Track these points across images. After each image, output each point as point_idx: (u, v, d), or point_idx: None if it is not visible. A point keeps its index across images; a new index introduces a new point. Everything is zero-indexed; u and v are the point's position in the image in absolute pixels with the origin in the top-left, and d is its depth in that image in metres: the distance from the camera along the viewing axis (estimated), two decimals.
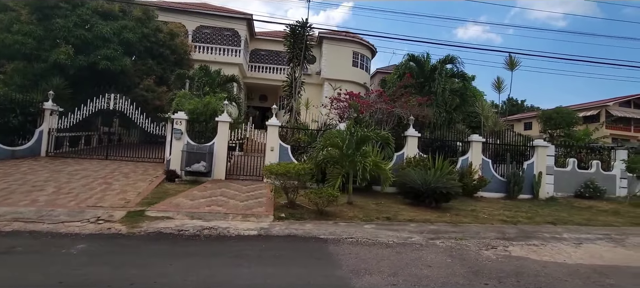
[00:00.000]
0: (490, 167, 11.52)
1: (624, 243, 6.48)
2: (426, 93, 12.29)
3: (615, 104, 33.94)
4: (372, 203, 8.67)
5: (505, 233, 6.70)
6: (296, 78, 14.10)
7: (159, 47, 16.43)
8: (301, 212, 7.25)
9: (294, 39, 13.95)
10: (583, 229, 7.41)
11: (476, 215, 8.13)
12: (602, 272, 4.81)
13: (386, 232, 6.29)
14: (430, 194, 8.19)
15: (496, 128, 11.96)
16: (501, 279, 4.34)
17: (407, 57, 13.70)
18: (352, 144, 7.64)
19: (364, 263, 4.66)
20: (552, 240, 6.46)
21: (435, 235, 6.34)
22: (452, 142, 11.78)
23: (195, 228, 5.86)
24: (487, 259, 5.17)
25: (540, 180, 11.48)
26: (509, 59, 14.12)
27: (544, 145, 11.74)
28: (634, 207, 9.95)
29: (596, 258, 5.53)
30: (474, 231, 6.77)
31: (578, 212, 9.39)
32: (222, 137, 10.48)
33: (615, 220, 8.47)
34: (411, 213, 7.87)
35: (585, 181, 11.87)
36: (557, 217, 8.34)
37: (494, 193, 11.36)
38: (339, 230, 6.24)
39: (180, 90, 11.92)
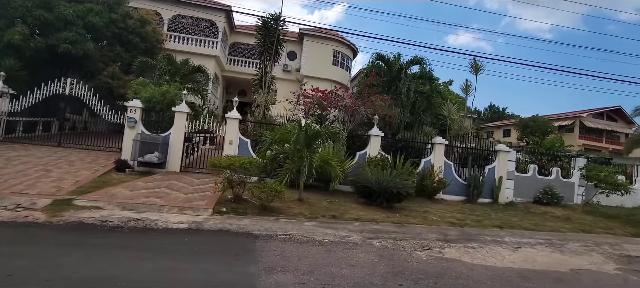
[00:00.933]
0: (452, 170, 11.53)
1: (562, 249, 6.50)
2: (393, 93, 12.24)
3: (588, 115, 34.89)
4: (326, 201, 8.51)
5: (448, 235, 6.64)
6: (267, 72, 13.83)
7: (128, 34, 15.87)
8: (245, 207, 7.03)
9: (265, 32, 13.67)
10: (527, 234, 7.44)
11: (426, 216, 8.07)
12: (526, 276, 4.77)
13: (325, 230, 6.13)
14: (381, 194, 8.09)
15: (461, 132, 11.99)
16: (419, 280, 4.23)
17: (375, 56, 13.64)
18: (300, 139, 7.46)
19: (284, 261, 4.48)
20: (493, 243, 6.43)
21: (375, 234, 6.22)
22: (417, 143, 11.74)
23: (121, 219, 5.57)
24: (416, 260, 5.07)
25: (500, 185, 11.56)
26: (474, 62, 14.23)
27: (505, 150, 11.84)
28: (585, 214, 10.11)
29: (528, 262, 5.51)
30: (417, 232, 6.69)
31: (531, 217, 9.46)
32: (179, 128, 10.14)
33: (563, 226, 8.56)
34: (360, 212, 7.75)
35: (544, 187, 12.02)
36: (506, 221, 8.36)
37: (454, 196, 11.38)
38: (275, 227, 6.06)
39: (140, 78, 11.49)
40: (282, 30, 14.07)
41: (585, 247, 6.82)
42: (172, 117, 10.12)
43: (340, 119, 11.16)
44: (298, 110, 11.76)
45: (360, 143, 11.25)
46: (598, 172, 10.28)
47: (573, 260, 5.84)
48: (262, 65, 14.23)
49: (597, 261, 5.93)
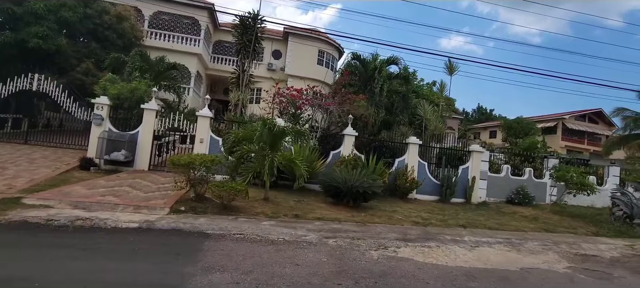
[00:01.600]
0: (426, 170, 11.58)
1: (519, 248, 6.55)
2: (368, 93, 12.26)
3: (571, 117, 35.53)
4: (293, 201, 8.45)
5: (408, 235, 6.64)
6: (244, 70, 13.70)
7: (104, 30, 15.57)
8: (206, 206, 6.92)
9: (243, 30, 13.55)
10: (489, 233, 7.49)
11: (392, 215, 8.07)
12: (472, 275, 4.77)
13: (282, 229, 6.07)
14: (347, 193, 8.06)
15: (436, 132, 12.06)
16: (360, 280, 4.19)
17: (350, 56, 13.66)
18: (263, 137, 7.38)
19: (226, 260, 4.40)
20: (451, 242, 6.45)
21: (333, 234, 6.17)
22: (391, 143, 11.76)
23: (69, 218, 5.41)
24: (366, 259, 5.04)
25: (473, 185, 11.65)
26: (449, 64, 14.36)
27: (479, 150, 11.94)
28: (553, 214, 10.24)
29: (481, 261, 5.53)
30: (378, 231, 6.67)
31: (499, 216, 9.54)
32: (148, 126, 9.97)
33: (527, 225, 8.65)
34: (325, 212, 7.71)
35: (517, 187, 12.16)
36: (472, 221, 8.41)
37: (428, 195, 11.44)
38: (231, 226, 5.97)
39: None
40: (261, 28, 13.95)
41: (544, 246, 6.89)
42: (141, 114, 9.95)
43: (314, 118, 11.10)
44: (274, 109, 11.66)
45: (335, 142, 11.23)
46: (565, 173, 10.43)
47: (527, 259, 5.88)
48: (239, 64, 14.08)
49: (550, 260, 5.98)
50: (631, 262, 6.40)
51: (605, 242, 7.82)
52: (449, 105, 57.74)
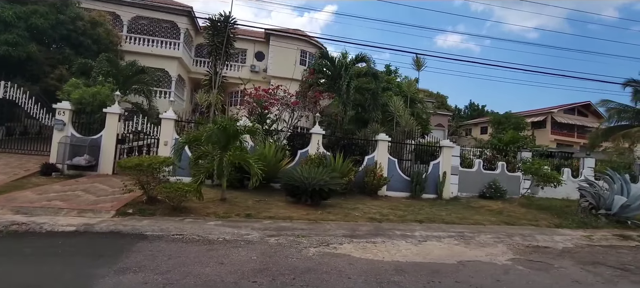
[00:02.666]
0: (396, 166, 11.55)
1: (469, 241, 6.50)
2: (337, 91, 12.22)
3: (559, 110, 35.54)
4: (253, 200, 8.41)
5: (357, 231, 6.59)
6: (217, 72, 13.66)
7: (78, 36, 15.51)
8: (155, 209, 6.87)
9: (214, 31, 13.51)
10: (445, 227, 7.44)
11: (351, 213, 8.02)
12: (403, 269, 4.73)
13: (226, 229, 6.02)
14: (304, 191, 8.02)
15: (407, 128, 12.02)
16: (278, 276, 4.14)
17: (318, 54, 13.59)
18: (212, 137, 7.33)
19: (148, 261, 4.35)
20: (400, 237, 6.40)
21: (278, 232, 6.12)
22: (360, 141, 11.72)
23: (3, 224, 5.36)
24: (299, 256, 4.98)
25: (444, 180, 11.61)
26: (416, 59, 14.34)
27: (449, 145, 11.90)
28: (521, 207, 10.19)
29: (420, 255, 5.48)
30: (327, 228, 6.62)
31: (464, 211, 9.49)
32: (111, 130, 9.93)
33: (489, 218, 8.60)
34: (282, 211, 7.66)
35: (489, 182, 12.13)
36: (432, 216, 8.37)
37: (399, 192, 11.41)
38: (173, 227, 5.91)
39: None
40: (233, 30, 13.90)
41: (496, 238, 6.84)
42: (104, 118, 9.90)
43: (282, 118, 11.06)
44: (241, 110, 11.62)
45: (302, 141, 11.19)
46: (531, 166, 10.40)
47: (471, 252, 5.84)
48: (212, 66, 14.05)
49: (496, 252, 5.94)
50: (581, 253, 6.36)
51: (564, 233, 7.79)
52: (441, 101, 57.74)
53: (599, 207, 9.28)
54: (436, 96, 56.31)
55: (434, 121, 37.81)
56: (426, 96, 51.79)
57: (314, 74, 12.41)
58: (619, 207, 8.88)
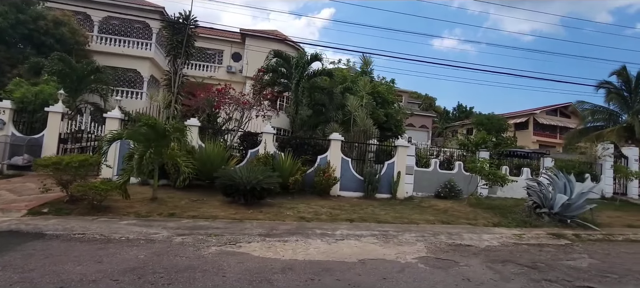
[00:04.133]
0: (350, 166, 11.46)
1: (389, 240, 6.40)
2: (292, 90, 12.13)
3: (542, 112, 35.71)
4: (187, 200, 8.29)
5: (275, 230, 6.48)
6: (176, 71, 13.55)
7: (40, 35, 15.39)
8: (74, 208, 6.76)
9: (173, 30, 13.41)
10: (374, 226, 7.34)
11: (283, 212, 7.91)
12: (291, 268, 4.60)
13: (135, 229, 5.90)
14: (236, 191, 7.92)
15: (363, 128, 11.96)
16: (146, 274, 4.02)
17: (273, 54, 13.53)
18: (135, 135, 7.23)
19: (22, 260, 4.24)
20: (318, 236, 6.30)
21: (190, 231, 6.02)
22: (313, 140, 11.63)
23: None
24: (191, 256, 4.85)
25: (398, 180, 11.54)
26: (363, 58, 14.31)
27: (404, 145, 11.84)
28: (470, 206, 10.09)
29: (326, 254, 5.36)
30: (245, 227, 6.51)
31: (409, 210, 9.40)
32: (53, 129, 9.78)
33: (426, 218, 8.50)
34: (212, 210, 7.55)
35: (445, 181, 12.07)
36: (369, 215, 8.27)
37: (352, 192, 11.32)
38: (80, 226, 5.80)
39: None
40: (194, 29, 13.80)
41: (420, 237, 6.76)
42: (46, 117, 9.76)
43: (234, 117, 10.95)
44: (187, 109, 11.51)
45: (254, 141, 11.09)
46: (474, 165, 10.36)
47: (382, 251, 5.74)
48: (170, 65, 13.94)
49: (409, 251, 5.84)
50: (500, 251, 6.29)
51: (496, 232, 7.71)
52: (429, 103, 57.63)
53: (542, 206, 9.23)
54: (424, 98, 56.64)
55: (418, 122, 37.95)
56: (413, 98, 52.10)
57: (263, 72, 12.31)
58: (560, 205, 8.82)
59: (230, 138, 10.92)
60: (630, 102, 22.13)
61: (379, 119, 19.99)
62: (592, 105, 24.00)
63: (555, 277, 4.98)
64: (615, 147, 14.87)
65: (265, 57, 23.28)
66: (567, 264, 5.75)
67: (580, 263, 5.85)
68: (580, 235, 7.91)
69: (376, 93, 20.83)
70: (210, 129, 10.43)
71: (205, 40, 24.62)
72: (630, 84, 22.34)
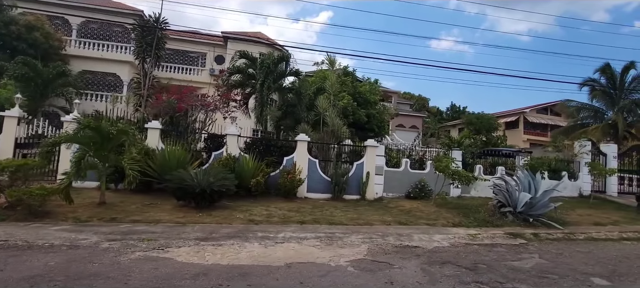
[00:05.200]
0: (317, 167, 11.26)
1: (331, 243, 6.17)
2: (258, 91, 11.97)
3: (532, 110, 35.55)
4: (139, 204, 8.11)
5: (214, 234, 6.26)
6: (146, 74, 13.38)
7: (12, 40, 15.25)
8: (10, 213, 6.54)
9: (142, 33, 13.25)
10: (323, 228, 7.11)
11: (234, 215, 7.68)
12: (205, 274, 4.39)
13: (63, 234, 5.68)
14: (186, 194, 7.73)
15: (331, 128, 11.77)
16: (43, 282, 3.82)
17: (238, 55, 13.38)
18: (73, 138, 7.05)
19: None
20: (258, 239, 6.09)
21: (123, 236, 5.81)
22: (280, 142, 11.44)
23: None
24: (107, 262, 4.64)
25: (368, 181, 11.34)
26: (328, 57, 14.17)
27: (373, 145, 11.64)
28: (434, 207, 9.89)
29: (255, 258, 5.15)
30: (184, 231, 6.30)
31: (373, 211, 9.18)
32: (8, 134, 9.61)
33: (385, 219, 8.25)
34: (159, 214, 7.36)
35: (417, 181, 11.87)
36: (324, 217, 8.06)
37: (320, 193, 11.11)
38: (6, 232, 5.58)
39: None
40: (164, 31, 13.66)
41: (367, 239, 6.54)
42: (2, 122, 9.58)
43: (198, 119, 10.78)
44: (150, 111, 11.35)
45: (218, 143, 10.91)
46: (439, 163, 10.16)
47: (319, 253, 5.52)
48: (140, 67, 13.77)
49: (348, 253, 5.63)
50: (446, 253, 6.06)
51: (452, 232, 7.49)
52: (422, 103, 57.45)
53: (505, 205, 9.03)
54: (417, 98, 56.56)
55: (409, 122, 37.82)
56: (406, 99, 52.00)
57: (229, 73, 12.15)
58: (523, 204, 8.62)
59: (195, 140, 10.74)
60: (615, 98, 22.01)
61: (360, 120, 19.90)
62: (578, 103, 23.91)
63: (488, 279, 4.78)
64: (593, 145, 14.66)
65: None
66: (510, 265, 5.54)
67: (525, 264, 5.64)
68: (540, 234, 7.70)
69: (358, 93, 20.76)
70: (173, 131, 10.26)
71: (187, 43, 24.61)
72: (615, 80, 22.21)
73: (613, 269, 5.54)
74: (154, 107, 10.75)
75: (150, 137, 10.23)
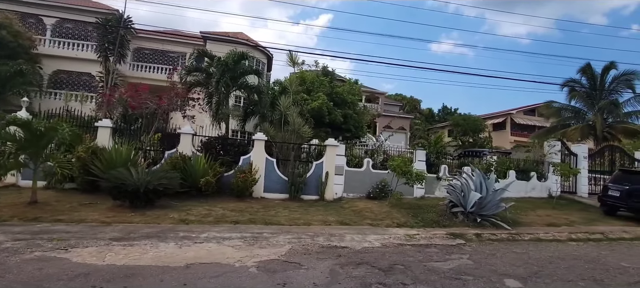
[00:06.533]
0: (275, 167, 11.04)
1: (255, 243, 5.95)
2: (213, 89, 11.78)
3: (519, 112, 35.41)
4: (74, 204, 7.86)
5: (133, 234, 6.02)
6: (109, 71, 13.19)
7: None
8: None
9: (104, 30, 13.07)
10: (255, 229, 6.89)
11: (168, 215, 7.40)
12: (88, 274, 4.18)
13: None
14: (121, 194, 7.52)
15: (294, 127, 11.57)
16: None
17: (196, 53, 13.18)
18: (8, 136, 6.85)
19: None
20: (179, 239, 5.86)
21: (34, 236, 5.58)
22: (237, 140, 11.24)
23: None
24: None
25: (327, 181, 11.13)
26: (290, 55, 13.99)
27: (333, 144, 11.43)
28: (388, 207, 9.63)
29: (161, 259, 4.91)
30: (101, 231, 6.06)
31: (321, 212, 8.92)
32: None
33: (327, 219, 8.00)
34: (88, 214, 7.12)
35: (379, 181, 11.65)
36: (263, 217, 7.78)
37: (278, 194, 10.89)
38: None
39: None
40: (129, 28, 13.48)
41: (295, 239, 6.32)
42: None
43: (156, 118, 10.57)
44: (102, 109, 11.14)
45: (173, 142, 10.70)
46: (391, 163, 9.95)
47: (229, 254, 5.30)
48: (103, 65, 13.58)
49: (263, 254, 5.41)
50: (371, 254, 5.82)
51: (391, 232, 7.28)
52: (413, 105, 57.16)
53: (457, 205, 8.83)
54: (409, 100, 56.43)
55: (397, 124, 37.59)
56: (398, 100, 51.82)
57: (178, 71, 11.99)
58: (473, 204, 8.42)
59: (149, 139, 10.54)
60: (596, 99, 21.87)
61: (336, 120, 19.72)
62: (561, 104, 23.77)
63: (394, 280, 4.56)
64: (563, 145, 14.46)
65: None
66: (431, 266, 5.33)
67: (447, 265, 5.43)
68: (483, 234, 7.49)
69: (335, 93, 20.58)
70: (126, 129, 10.05)
71: (168, 43, 24.44)
72: (596, 81, 22.08)
73: (537, 270, 5.33)
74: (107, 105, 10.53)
75: (100, 136, 10.02)
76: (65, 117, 10.18)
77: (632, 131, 19.57)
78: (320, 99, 18.69)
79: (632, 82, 19.88)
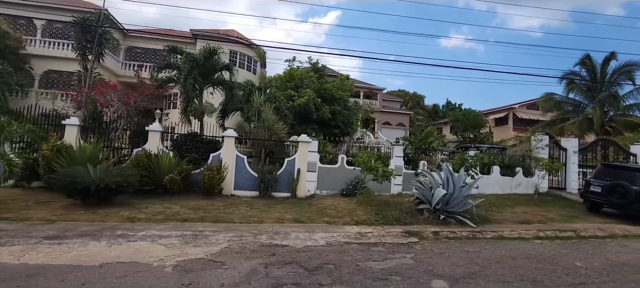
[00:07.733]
0: (246, 164, 10.88)
1: (191, 242, 5.79)
2: (181, 85, 11.63)
3: (521, 106, 34.44)
4: (31, 202, 7.86)
5: (69, 232, 5.92)
6: (87, 69, 13.23)
7: None
8: None
9: (82, 29, 13.10)
10: (197, 226, 6.70)
11: (117, 213, 7.30)
12: None
13: None
14: (74, 191, 7.46)
15: (267, 123, 11.37)
16: None
17: (167, 49, 13.06)
18: None
19: None
20: (104, 238, 5.68)
21: None
22: (209, 138, 11.10)
23: None
24: None
25: (299, 178, 10.91)
26: (257, 50, 13.65)
27: (305, 141, 11.19)
28: (355, 204, 9.33)
29: (78, 258, 4.79)
30: (39, 230, 5.99)
31: (285, 209, 8.69)
32: None
33: (284, 217, 7.80)
34: (37, 212, 7.06)
35: (353, 178, 11.36)
36: (214, 215, 7.59)
37: (248, 191, 10.72)
38: None
39: None
40: (107, 27, 13.49)
41: (235, 238, 6.13)
42: None
43: (123, 116, 10.52)
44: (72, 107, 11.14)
45: (142, 140, 10.63)
46: (359, 158, 9.64)
47: (155, 253, 5.12)
48: (82, 64, 13.63)
49: (192, 253, 5.23)
50: (309, 253, 5.59)
51: (344, 230, 7.02)
52: (417, 101, 56.35)
53: (422, 201, 8.50)
54: (411, 96, 55.63)
55: (396, 120, 37.07)
56: (399, 96, 51.11)
57: (158, 69, 11.92)
58: (438, 200, 8.08)
59: (118, 137, 10.50)
60: (596, 91, 21.05)
61: (324, 117, 19.43)
62: (561, 97, 22.98)
63: (313, 281, 4.33)
64: (551, 139, 13.86)
65: (225, 59, 22.95)
66: (366, 265, 5.08)
67: (384, 265, 5.16)
68: (441, 232, 7.17)
69: (323, 89, 20.28)
70: (94, 127, 10.03)
71: (159, 41, 24.50)
72: (596, 72, 21.25)
73: (476, 271, 5.01)
74: (77, 104, 10.54)
75: (67, 134, 10.01)
76: (33, 116, 10.21)
77: (633, 124, 18.71)
78: (307, 95, 18.41)
79: (632, 74, 19.01)
